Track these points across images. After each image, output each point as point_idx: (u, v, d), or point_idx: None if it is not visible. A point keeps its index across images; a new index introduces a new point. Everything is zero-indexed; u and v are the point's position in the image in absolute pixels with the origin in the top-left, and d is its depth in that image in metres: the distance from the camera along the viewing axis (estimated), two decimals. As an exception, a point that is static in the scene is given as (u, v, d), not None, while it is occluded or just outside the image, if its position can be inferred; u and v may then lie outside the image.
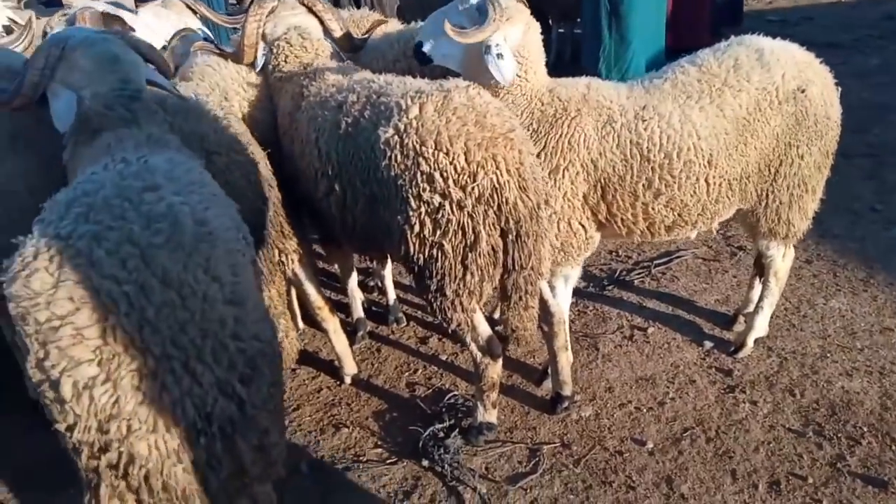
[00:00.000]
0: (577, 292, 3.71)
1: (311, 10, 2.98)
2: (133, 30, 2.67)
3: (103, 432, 1.55)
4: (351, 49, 3.16)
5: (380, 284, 3.95)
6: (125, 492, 1.64)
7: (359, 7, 6.45)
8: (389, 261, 3.55)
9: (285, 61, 2.91)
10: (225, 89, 2.90)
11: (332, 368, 3.37)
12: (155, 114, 2.15)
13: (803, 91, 2.65)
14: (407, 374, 3.33)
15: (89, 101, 2.06)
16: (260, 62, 2.85)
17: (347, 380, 3.28)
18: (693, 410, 2.84)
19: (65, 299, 1.50)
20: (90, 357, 1.50)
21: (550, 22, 8.82)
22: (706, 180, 2.66)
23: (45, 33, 3.02)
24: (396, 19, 4.04)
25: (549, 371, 2.98)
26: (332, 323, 3.19)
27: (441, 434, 2.83)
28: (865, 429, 2.64)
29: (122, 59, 2.13)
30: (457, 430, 2.85)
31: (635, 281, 3.79)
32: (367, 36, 3.29)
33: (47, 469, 2.89)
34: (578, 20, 8.73)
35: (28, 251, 1.58)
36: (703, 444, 2.66)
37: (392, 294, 3.74)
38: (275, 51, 2.91)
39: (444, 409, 3.01)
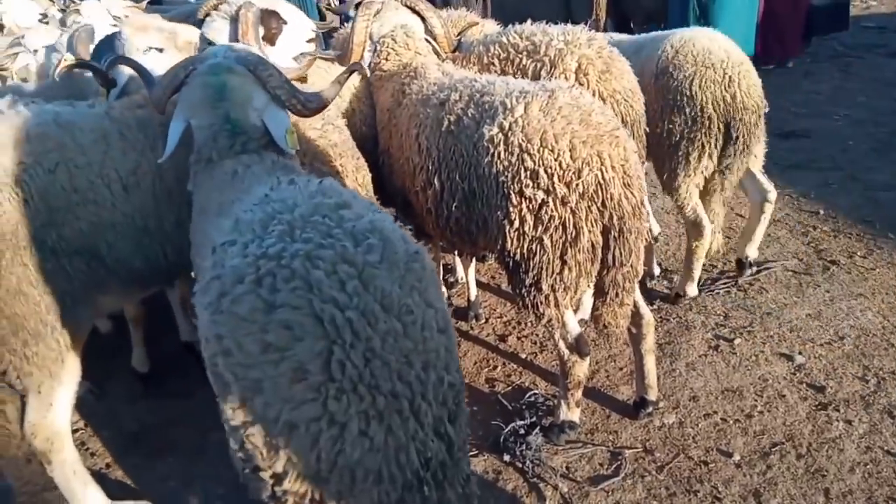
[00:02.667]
0: (659, 299, 3.68)
1: (413, 10, 3.08)
2: (286, 23, 2.79)
3: (322, 482, 1.35)
4: (449, 48, 3.24)
5: (461, 280, 4.02)
6: None
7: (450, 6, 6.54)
8: (473, 258, 3.62)
9: (387, 59, 3.01)
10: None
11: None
12: (266, 144, 2.09)
13: None
14: (486, 370, 3.38)
15: (197, 132, 2.10)
16: (367, 61, 2.95)
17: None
18: (783, 426, 2.77)
19: (281, 327, 1.32)
20: (313, 395, 1.30)
21: (632, 25, 8.69)
22: None
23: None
24: (492, 20, 4.09)
25: (634, 374, 2.97)
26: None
27: (522, 431, 2.87)
28: (973, 457, 2.52)
29: (230, 97, 2.07)
30: (537, 427, 2.87)
31: (721, 290, 3.71)
32: (460, 37, 3.36)
33: (150, 436, 3.09)
34: (662, 25, 8.58)
35: (228, 273, 1.42)
36: (793, 460, 2.60)
37: (474, 290, 3.80)
38: (378, 49, 3.01)
39: (524, 407, 3.04)
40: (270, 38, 2.80)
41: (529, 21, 3.36)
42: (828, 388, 2.94)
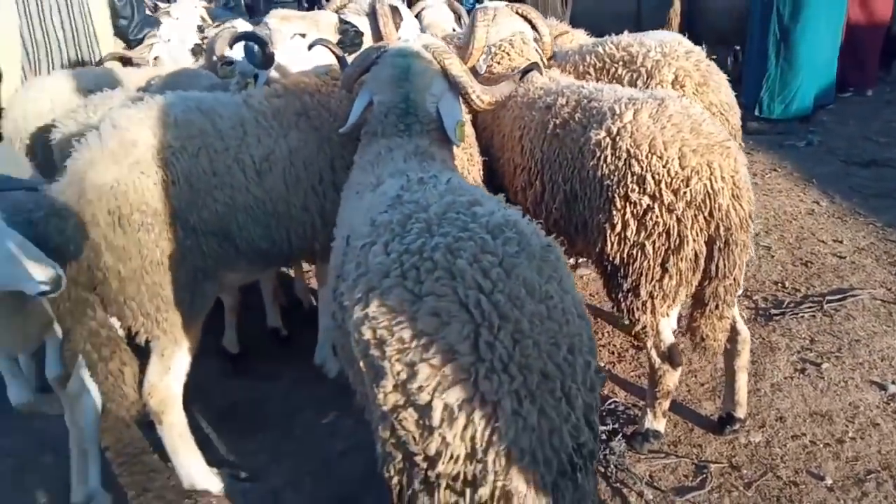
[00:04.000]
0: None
1: (525, 18, 3.16)
2: (402, 19, 2.93)
3: (476, 462, 1.36)
4: (549, 56, 3.31)
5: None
6: None
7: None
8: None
9: (499, 63, 3.09)
10: None
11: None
12: (429, 130, 2.21)
13: None
14: (564, 375, 3.39)
15: (376, 107, 2.25)
16: (482, 66, 3.03)
17: None
18: (878, 454, 2.71)
19: (430, 315, 1.39)
20: (464, 376, 1.34)
21: (703, 46, 8.62)
22: None
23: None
24: (581, 30, 4.16)
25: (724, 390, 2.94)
26: None
27: (604, 436, 2.87)
28: None
29: (413, 79, 2.23)
30: (619, 434, 2.88)
31: (805, 315, 3.65)
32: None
33: (240, 413, 3.21)
34: (737, 47, 8.49)
35: (374, 269, 1.50)
36: (891, 489, 2.54)
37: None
38: (493, 52, 3.09)
39: (605, 414, 3.05)
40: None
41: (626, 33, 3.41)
42: (924, 419, 2.87)
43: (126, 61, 4.17)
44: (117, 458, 2.93)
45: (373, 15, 2.64)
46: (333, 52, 2.66)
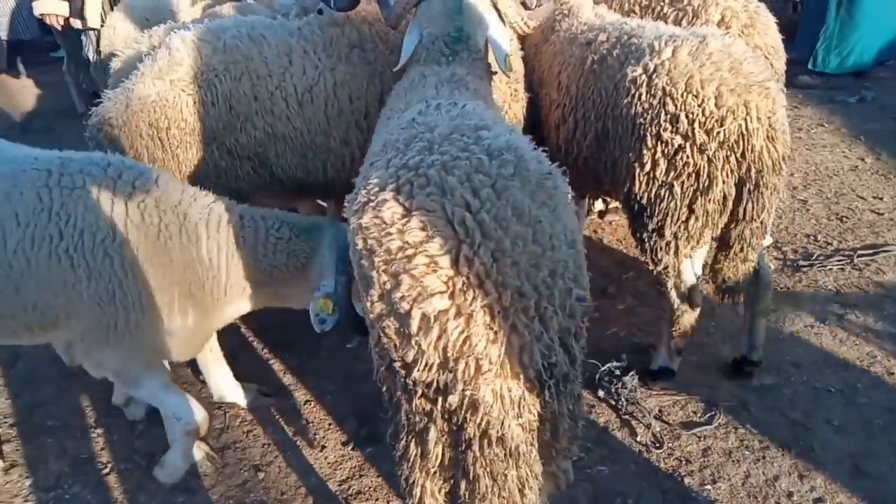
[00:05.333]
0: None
1: None
2: None
3: (448, 371, 1.42)
4: None
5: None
6: (452, 440, 1.57)
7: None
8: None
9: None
10: None
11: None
12: (473, 60, 2.26)
13: None
14: (584, 314, 3.47)
15: (425, 38, 2.30)
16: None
17: None
18: (888, 400, 2.74)
19: (417, 228, 1.43)
20: (442, 288, 1.39)
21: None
22: None
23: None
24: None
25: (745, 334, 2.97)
26: None
27: (618, 372, 2.96)
28: None
29: (466, 12, 2.29)
30: (633, 371, 2.96)
31: (834, 268, 3.62)
32: None
33: (268, 335, 3.39)
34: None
35: (374, 182, 1.55)
36: (897, 433, 2.59)
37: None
38: None
39: (620, 350, 3.13)
40: None
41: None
42: (941, 371, 2.87)
43: None
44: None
45: None
46: None
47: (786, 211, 4.25)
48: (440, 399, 1.47)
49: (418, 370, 1.45)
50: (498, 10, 2.41)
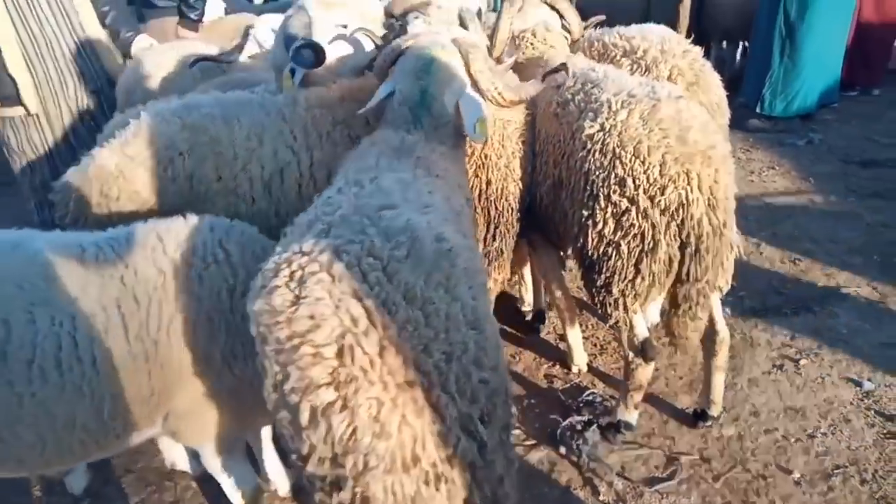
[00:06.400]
0: (725, 315, 3.66)
1: (553, 7, 3.21)
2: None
3: (338, 466, 1.37)
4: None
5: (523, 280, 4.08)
6: None
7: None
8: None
9: (523, 53, 3.11)
10: None
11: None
12: (437, 127, 2.17)
13: None
14: (546, 366, 3.45)
15: (396, 96, 2.22)
16: (506, 56, 3.04)
17: (576, 369, 3.37)
18: (847, 449, 2.74)
19: (305, 317, 1.39)
20: (327, 380, 1.35)
21: (711, 42, 8.56)
22: None
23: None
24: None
25: (702, 388, 2.98)
26: (568, 314, 3.28)
27: (579, 427, 2.92)
28: None
29: (435, 72, 2.17)
30: (594, 425, 2.92)
31: (789, 312, 3.67)
32: None
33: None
34: (742, 43, 8.43)
35: (269, 268, 1.53)
36: (856, 484, 2.57)
37: (530, 290, 3.86)
38: (518, 42, 3.12)
39: (582, 405, 3.09)
40: None
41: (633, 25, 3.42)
42: (897, 417, 2.89)
43: None
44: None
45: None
46: (374, 42, 2.60)
47: (741, 255, 4.30)
48: (334, 493, 1.41)
49: (311, 464, 1.40)
50: (471, 76, 2.24)
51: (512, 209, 2.80)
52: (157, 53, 4.00)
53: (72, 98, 3.69)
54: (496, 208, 2.77)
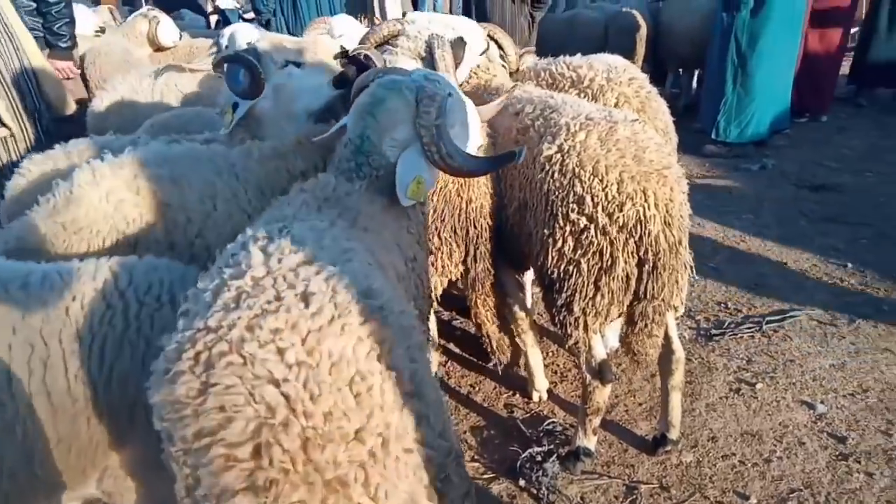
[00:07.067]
0: (682, 339, 3.70)
1: (492, 38, 3.26)
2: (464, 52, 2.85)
3: None
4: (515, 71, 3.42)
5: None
6: None
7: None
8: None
9: (468, 83, 3.14)
10: None
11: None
12: (378, 177, 1.93)
13: None
14: (505, 395, 3.42)
15: (346, 134, 2.04)
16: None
17: (536, 396, 3.34)
18: (801, 473, 2.76)
19: (214, 409, 1.18)
20: (244, 484, 1.16)
21: (668, 71, 8.81)
22: None
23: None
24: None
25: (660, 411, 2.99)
26: (529, 337, 3.26)
27: (539, 458, 2.89)
28: None
29: (378, 114, 1.95)
30: (554, 455, 2.89)
31: (744, 335, 3.72)
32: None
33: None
34: (697, 71, 8.70)
35: (171, 349, 1.29)
36: (811, 508, 2.59)
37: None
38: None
39: (542, 434, 3.07)
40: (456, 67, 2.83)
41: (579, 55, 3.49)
42: (849, 439, 2.92)
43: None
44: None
45: (424, 59, 2.56)
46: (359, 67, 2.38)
47: (698, 279, 4.38)
48: None
49: None
50: (414, 126, 1.96)
51: (489, 227, 2.84)
52: (134, 79, 3.98)
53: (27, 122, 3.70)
54: (475, 227, 2.81)
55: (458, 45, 2.91)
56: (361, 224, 1.76)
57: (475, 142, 2.19)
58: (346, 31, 3.78)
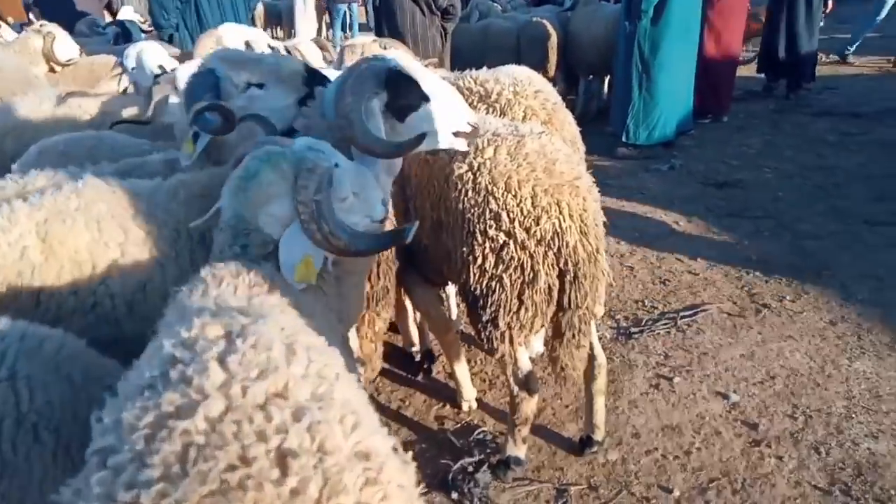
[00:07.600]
0: (604, 339, 3.81)
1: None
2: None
3: None
4: None
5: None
6: None
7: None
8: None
9: None
10: None
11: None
12: (266, 255, 1.76)
13: None
14: (436, 407, 3.41)
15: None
16: None
17: (466, 405, 3.34)
18: (719, 462, 2.89)
19: None
20: None
21: (579, 77, 9.09)
22: None
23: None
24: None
25: (584, 413, 3.05)
26: (454, 350, 3.24)
27: (470, 468, 2.89)
28: (893, 492, 2.68)
29: (251, 190, 1.77)
30: (486, 465, 2.91)
31: (661, 331, 3.87)
32: None
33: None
34: (608, 77, 9.02)
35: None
36: (729, 495, 2.71)
37: (415, 332, 3.83)
38: None
39: (473, 444, 3.08)
40: None
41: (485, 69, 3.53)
42: (760, 425, 3.09)
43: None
44: None
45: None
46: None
47: (616, 278, 4.52)
48: None
49: None
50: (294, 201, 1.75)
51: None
52: (34, 100, 3.72)
53: None
54: None
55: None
56: (307, 312, 1.61)
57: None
58: (234, 41, 3.70)
